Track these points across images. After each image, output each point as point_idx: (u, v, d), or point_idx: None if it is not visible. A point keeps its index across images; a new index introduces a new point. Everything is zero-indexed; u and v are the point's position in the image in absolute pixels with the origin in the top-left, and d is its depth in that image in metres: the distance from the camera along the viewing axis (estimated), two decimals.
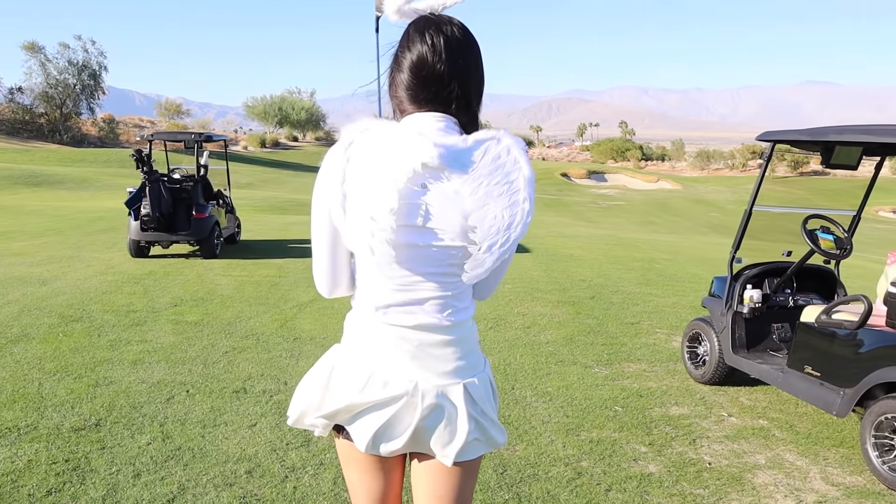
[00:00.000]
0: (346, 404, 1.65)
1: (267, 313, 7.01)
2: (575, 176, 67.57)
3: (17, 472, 3.47)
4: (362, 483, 1.79)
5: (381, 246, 1.54)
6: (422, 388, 1.63)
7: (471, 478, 1.75)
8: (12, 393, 4.55)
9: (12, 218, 15.98)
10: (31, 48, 70.22)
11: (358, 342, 1.69)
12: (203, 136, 11.56)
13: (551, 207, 38.54)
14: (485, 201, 1.54)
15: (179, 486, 3.39)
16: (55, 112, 70.05)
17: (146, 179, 9.95)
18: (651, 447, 4.09)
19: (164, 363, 5.30)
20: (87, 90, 72.81)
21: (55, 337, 5.90)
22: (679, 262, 12.68)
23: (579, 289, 8.97)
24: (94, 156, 47.58)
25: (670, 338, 6.62)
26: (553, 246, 14.02)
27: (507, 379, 5.22)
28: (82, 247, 11.40)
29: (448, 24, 1.62)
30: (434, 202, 1.55)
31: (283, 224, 16.45)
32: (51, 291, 7.67)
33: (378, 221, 1.51)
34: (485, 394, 1.71)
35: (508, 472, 3.66)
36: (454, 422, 1.65)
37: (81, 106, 73.34)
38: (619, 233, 20.97)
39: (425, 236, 1.57)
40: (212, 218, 10.63)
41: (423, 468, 1.74)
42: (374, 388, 1.63)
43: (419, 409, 1.63)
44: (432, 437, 1.66)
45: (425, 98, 1.61)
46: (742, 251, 5.23)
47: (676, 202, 46.13)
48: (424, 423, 1.65)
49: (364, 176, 1.53)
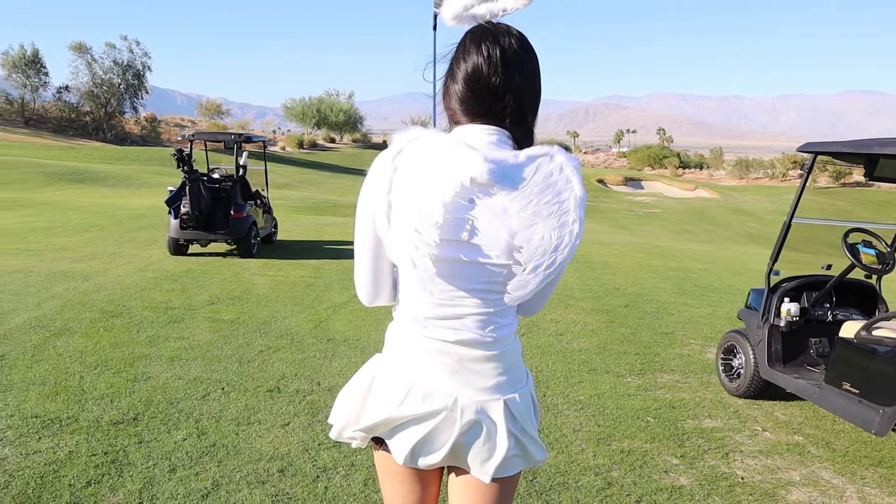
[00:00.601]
0: (385, 418, 1.63)
1: (302, 313, 7.10)
2: (611, 182, 67.11)
3: (58, 462, 3.57)
4: (399, 495, 1.77)
5: (423, 260, 1.51)
6: (461, 404, 1.60)
7: (508, 494, 1.72)
8: (55, 385, 4.68)
9: (57, 214, 16.37)
10: (78, 48, 71.89)
11: (398, 355, 1.66)
12: (242, 137, 11.74)
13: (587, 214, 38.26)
14: (533, 220, 1.50)
15: (213, 482, 3.45)
16: (100, 111, 71.63)
17: (186, 179, 10.13)
18: (683, 459, 4.05)
19: (200, 360, 5.39)
20: (131, 89, 74.35)
21: (96, 331, 6.04)
22: (715, 272, 12.53)
23: (613, 297, 8.92)
24: (137, 154, 48.52)
25: (705, 349, 6.55)
26: (588, 253, 13.94)
27: (539, 386, 5.21)
28: (123, 243, 11.64)
29: (506, 36, 1.55)
30: (481, 218, 1.51)
31: (319, 225, 16.61)
32: (93, 287, 7.85)
33: (422, 234, 1.48)
34: (525, 410, 1.67)
35: (538, 480, 3.66)
36: (493, 438, 1.62)
37: (125, 105, 74.91)
38: (654, 241, 20.78)
39: (470, 252, 1.53)
40: (249, 218, 10.78)
41: (461, 483, 1.72)
42: (414, 402, 1.61)
43: (458, 425, 1.60)
44: (471, 453, 1.63)
45: (479, 111, 1.57)
46: (780, 263, 5.15)
47: (714, 211, 45.55)
48: (463, 439, 1.62)
49: (411, 187, 1.49)
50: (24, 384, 4.67)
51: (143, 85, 75.86)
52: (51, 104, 72.55)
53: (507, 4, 1.58)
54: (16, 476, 3.40)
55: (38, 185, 28.46)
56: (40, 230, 13.13)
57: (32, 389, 4.57)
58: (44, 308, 6.74)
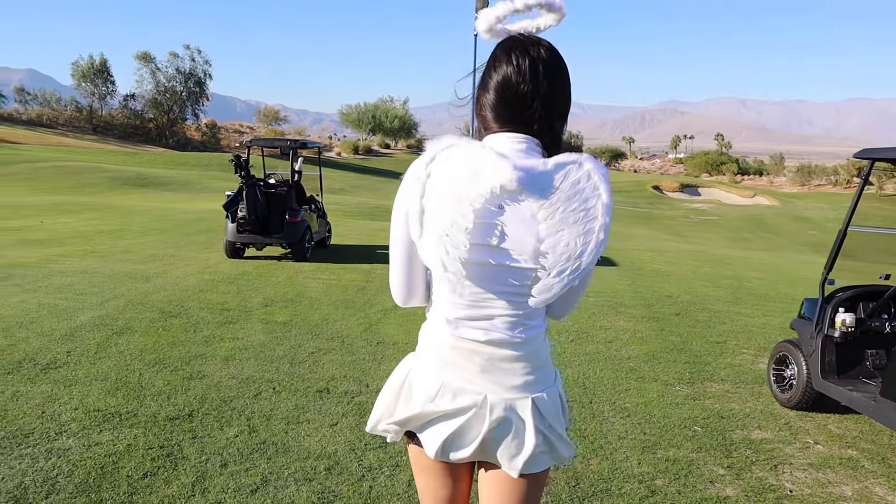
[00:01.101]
0: (417, 412, 1.71)
1: (353, 317, 7.22)
2: (667, 189, 66.08)
3: (117, 454, 3.73)
4: (430, 488, 1.85)
5: (453, 263, 1.57)
6: (490, 401, 1.67)
7: (537, 489, 1.77)
8: (116, 381, 4.88)
9: (122, 217, 16.96)
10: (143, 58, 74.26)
11: (430, 353, 1.74)
12: (298, 143, 11.98)
13: (641, 220, 37.81)
14: (559, 227, 1.56)
15: (262, 478, 3.56)
16: (163, 117, 73.84)
17: (243, 184, 10.38)
18: (729, 470, 4.00)
19: (253, 360, 5.55)
20: (193, 97, 76.46)
21: (155, 330, 6.26)
22: (771, 280, 12.25)
23: (665, 305, 8.82)
24: (197, 159, 49.83)
25: (757, 359, 6.44)
26: (640, 260, 13.79)
27: (586, 393, 5.20)
28: (182, 246, 12.00)
29: (535, 45, 1.62)
30: (510, 223, 1.58)
31: (372, 230, 16.81)
32: (153, 287, 8.13)
33: (452, 238, 1.55)
34: (553, 409, 1.73)
35: (581, 486, 3.67)
36: (521, 435, 1.68)
37: (187, 112, 77.10)
38: (709, 249, 20.41)
39: (499, 256, 1.60)
40: (304, 222, 10.98)
41: (490, 477, 1.78)
42: (445, 398, 1.69)
43: (487, 421, 1.67)
44: (500, 449, 1.70)
45: (509, 118, 1.63)
46: (835, 272, 5.04)
47: (773, 218, 44.45)
48: (492, 435, 1.68)
49: (443, 192, 1.56)
50: (88, 379, 4.88)
51: (205, 92, 77.93)
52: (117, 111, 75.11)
53: (541, 22, 1.65)
54: (78, 466, 3.57)
55: (104, 189, 29.51)
56: (106, 233, 13.63)
57: (95, 385, 4.78)
58: (107, 307, 7.01)
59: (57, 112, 71.22)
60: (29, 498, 3.24)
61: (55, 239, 12.45)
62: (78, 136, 64.09)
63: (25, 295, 7.41)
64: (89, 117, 71.39)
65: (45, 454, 3.69)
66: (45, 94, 72.90)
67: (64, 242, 11.98)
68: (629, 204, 48.75)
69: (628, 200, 51.48)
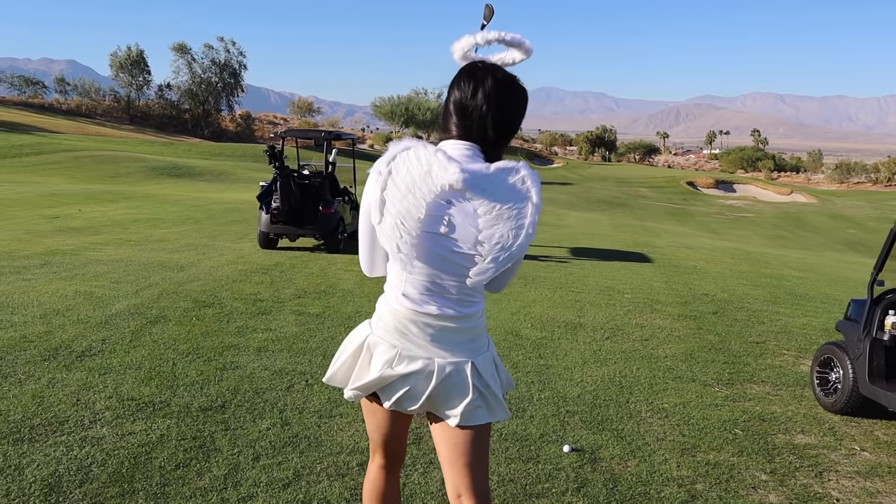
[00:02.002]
0: (377, 377, 2.06)
1: None
2: (701, 185, 65.16)
3: (150, 444, 3.72)
4: (380, 428, 2.25)
5: (405, 246, 1.93)
6: (438, 364, 2.04)
7: (480, 438, 2.11)
8: (149, 370, 4.88)
9: (157, 207, 17.15)
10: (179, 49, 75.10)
11: (389, 324, 2.08)
12: (332, 135, 11.95)
13: (675, 217, 37.33)
14: (495, 222, 1.92)
15: (295, 472, 3.52)
16: (198, 108, 74.62)
17: (277, 174, 10.39)
18: (772, 476, 3.88)
19: (286, 352, 5.53)
20: (228, 88, 77.16)
21: (189, 320, 6.28)
22: (811, 280, 11.97)
23: (701, 303, 8.65)
24: (231, 150, 50.29)
25: (798, 361, 6.27)
26: (675, 257, 13.58)
27: (622, 392, 5.09)
28: (216, 236, 12.08)
29: (486, 72, 1.96)
30: (455, 216, 1.93)
31: None
32: (187, 277, 8.17)
33: (405, 226, 1.91)
34: (489, 370, 2.12)
35: (619, 489, 3.58)
36: (461, 391, 2.05)
37: (222, 103, 77.85)
38: (745, 246, 20.04)
39: (445, 243, 1.95)
40: (337, 214, 10.96)
41: (439, 428, 2.15)
42: (401, 364, 2.05)
43: (434, 380, 2.03)
44: (444, 403, 2.07)
45: (459, 128, 1.99)
46: (885, 273, 4.87)
47: (811, 216, 43.59)
48: (437, 391, 2.05)
49: (400, 186, 1.91)
50: (122, 368, 4.90)
51: (239, 83, 78.59)
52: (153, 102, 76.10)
53: (507, 57, 2.00)
54: (112, 455, 3.56)
55: (140, 178, 29.91)
56: (141, 222, 13.78)
57: (129, 373, 4.79)
58: (142, 296, 7.05)
59: (95, 102, 72.44)
60: (63, 486, 3.24)
61: (92, 227, 12.61)
62: (115, 125, 65.08)
63: (62, 282, 7.49)
64: (127, 107, 72.47)
65: (79, 442, 3.69)
66: (85, 85, 74.18)
67: (100, 231, 12.13)
68: (662, 200, 48.13)
69: (662, 196, 50.84)
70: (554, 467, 3.77)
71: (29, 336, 5.49)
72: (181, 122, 72.54)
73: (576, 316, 7.41)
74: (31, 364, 4.87)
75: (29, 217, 13.83)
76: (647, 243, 16.30)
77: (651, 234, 20.99)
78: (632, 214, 35.80)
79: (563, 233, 17.73)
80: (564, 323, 7.06)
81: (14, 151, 36.64)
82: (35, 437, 3.73)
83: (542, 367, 5.55)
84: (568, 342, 6.36)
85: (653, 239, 18.65)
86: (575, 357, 5.90)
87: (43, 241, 10.55)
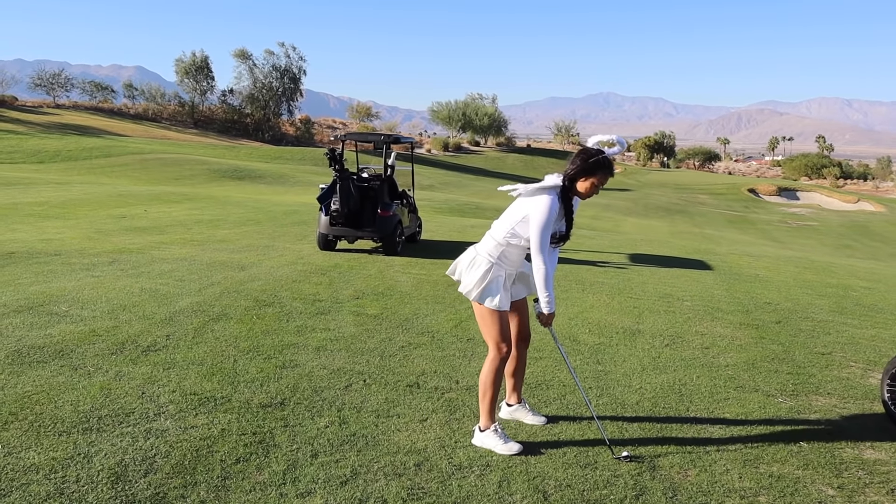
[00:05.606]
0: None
1: (442, 312, 7.19)
2: (763, 192, 63.54)
3: (212, 438, 3.81)
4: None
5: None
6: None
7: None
8: (211, 366, 5.00)
9: (219, 208, 17.55)
10: (241, 55, 76.78)
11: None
12: (391, 138, 12.03)
13: (735, 224, 36.49)
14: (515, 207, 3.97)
15: (352, 470, 3.55)
16: (259, 113, 76.11)
17: (337, 177, 10.50)
18: (840, 491, 3.74)
19: (344, 352, 5.58)
20: (288, 93, 78.50)
21: (250, 318, 6.40)
22: (880, 290, 11.52)
23: (764, 312, 8.41)
24: (291, 154, 51.19)
25: (867, 373, 6.04)
26: (736, 265, 13.25)
27: (682, 400, 4.99)
28: (277, 237, 12.29)
29: (583, 152, 3.90)
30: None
31: (462, 226, 16.81)
32: (248, 276, 8.34)
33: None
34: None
35: (678, 498, 3.50)
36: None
37: (282, 107, 79.23)
38: (810, 255, 19.45)
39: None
40: (395, 216, 11.02)
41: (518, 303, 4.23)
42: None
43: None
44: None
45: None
46: None
47: (879, 225, 42.04)
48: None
49: None
50: (185, 363, 5.02)
51: (299, 88, 79.86)
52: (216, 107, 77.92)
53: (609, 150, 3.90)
54: (175, 447, 3.66)
55: (203, 181, 30.68)
56: (204, 222, 14.13)
57: (192, 369, 4.91)
58: (204, 294, 7.22)
59: (161, 107, 74.57)
60: (129, 476, 3.34)
61: (157, 227, 12.98)
62: (180, 129, 66.92)
63: (129, 280, 7.73)
64: (191, 112, 74.43)
65: (144, 434, 3.80)
66: (151, 90, 76.41)
67: (165, 231, 12.48)
68: (722, 207, 47.09)
69: (721, 203, 49.74)
70: (612, 474, 3.72)
71: (97, 330, 5.68)
72: (243, 126, 74.12)
73: (634, 322, 7.30)
74: (100, 357, 5.04)
75: (98, 217, 14.31)
76: (707, 250, 15.95)
77: (711, 242, 20.55)
78: (691, 221, 35.12)
79: (621, 238, 17.50)
80: (623, 329, 6.96)
81: (85, 154, 38.07)
82: (103, 427, 3.86)
83: (599, 373, 5.48)
84: (626, 348, 6.27)
85: (713, 246, 18.25)
86: (633, 364, 5.81)
87: (111, 239, 10.91)
